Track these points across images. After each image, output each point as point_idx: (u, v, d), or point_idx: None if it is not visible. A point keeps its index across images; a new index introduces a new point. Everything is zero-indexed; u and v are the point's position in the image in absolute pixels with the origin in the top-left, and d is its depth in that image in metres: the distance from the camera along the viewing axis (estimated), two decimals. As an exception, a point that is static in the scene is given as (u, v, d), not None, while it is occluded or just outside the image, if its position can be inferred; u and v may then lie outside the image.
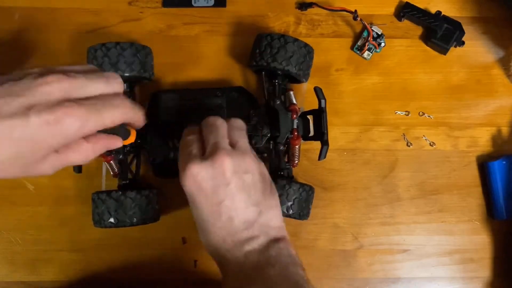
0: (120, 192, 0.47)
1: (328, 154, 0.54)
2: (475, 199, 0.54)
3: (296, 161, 0.50)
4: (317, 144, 0.54)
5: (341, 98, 0.55)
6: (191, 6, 0.55)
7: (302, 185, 0.48)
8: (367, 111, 0.55)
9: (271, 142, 0.49)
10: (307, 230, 0.53)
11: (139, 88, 0.53)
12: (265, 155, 0.50)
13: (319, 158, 0.47)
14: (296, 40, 0.48)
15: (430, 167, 0.55)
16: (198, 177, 0.37)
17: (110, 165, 0.48)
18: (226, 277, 0.40)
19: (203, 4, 0.55)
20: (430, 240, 0.54)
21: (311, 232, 0.53)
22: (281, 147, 0.49)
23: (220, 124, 0.41)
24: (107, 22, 0.55)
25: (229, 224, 0.38)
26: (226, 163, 0.38)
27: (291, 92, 0.51)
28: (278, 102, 0.48)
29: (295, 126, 0.48)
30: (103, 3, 0.55)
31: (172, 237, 0.53)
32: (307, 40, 0.53)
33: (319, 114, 0.47)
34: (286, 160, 0.51)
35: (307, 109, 0.50)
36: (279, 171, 0.50)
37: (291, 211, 0.47)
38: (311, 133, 0.49)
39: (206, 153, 0.39)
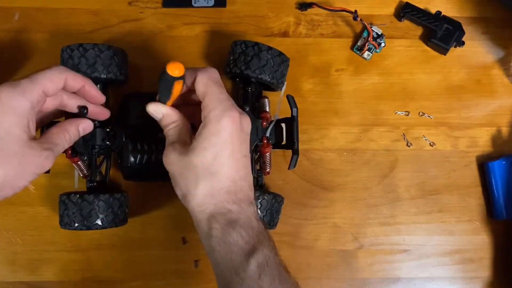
0: (65, 196, 0.46)
1: (328, 154, 0.54)
2: (475, 199, 0.54)
3: (268, 169, 0.50)
4: (318, 145, 0.55)
5: (341, 98, 0.55)
6: (191, 6, 0.55)
7: (275, 195, 0.48)
8: (367, 111, 0.55)
9: None
10: (307, 230, 0.53)
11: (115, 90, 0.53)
12: None
13: (289, 168, 0.46)
14: (270, 48, 0.48)
15: (430, 167, 0.55)
16: (241, 122, 0.40)
17: (78, 166, 0.48)
18: (232, 232, 0.39)
19: (203, 4, 0.55)
20: (430, 240, 0.54)
21: (311, 232, 0.53)
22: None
23: None
24: (107, 22, 0.55)
25: (246, 178, 0.40)
26: (251, 126, 0.42)
27: (266, 100, 0.50)
28: (247, 109, 0.47)
29: (267, 134, 0.47)
30: (103, 3, 0.55)
31: (172, 237, 0.53)
32: (307, 40, 0.53)
33: (291, 123, 0.47)
34: (258, 168, 0.50)
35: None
36: None
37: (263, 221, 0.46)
38: (284, 141, 0.48)
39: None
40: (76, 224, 0.46)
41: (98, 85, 0.47)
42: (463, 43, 0.54)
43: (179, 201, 0.53)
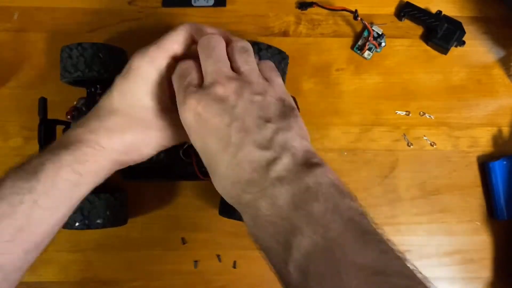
0: None
1: (328, 154, 0.54)
2: (475, 200, 0.54)
3: None
4: (318, 145, 0.54)
5: (341, 98, 0.55)
6: (191, 6, 0.55)
7: None
8: (367, 111, 0.55)
9: None
10: (307, 230, 0.53)
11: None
12: None
13: None
14: (269, 47, 0.47)
15: (431, 167, 0.54)
16: (198, 108, 0.32)
17: None
18: (257, 226, 0.31)
19: (203, 4, 0.55)
20: (430, 240, 0.54)
21: (311, 232, 0.53)
22: None
23: (216, 45, 0.36)
24: (107, 22, 0.55)
25: (241, 146, 0.31)
26: (229, 90, 0.33)
27: None
28: None
29: None
30: (103, 3, 0.55)
31: (172, 237, 0.53)
32: (307, 40, 0.53)
33: None
34: None
35: None
36: None
37: None
38: None
39: (205, 83, 0.34)
40: (77, 224, 0.46)
41: (98, 85, 0.47)
42: (463, 42, 0.54)
43: (179, 201, 0.53)
